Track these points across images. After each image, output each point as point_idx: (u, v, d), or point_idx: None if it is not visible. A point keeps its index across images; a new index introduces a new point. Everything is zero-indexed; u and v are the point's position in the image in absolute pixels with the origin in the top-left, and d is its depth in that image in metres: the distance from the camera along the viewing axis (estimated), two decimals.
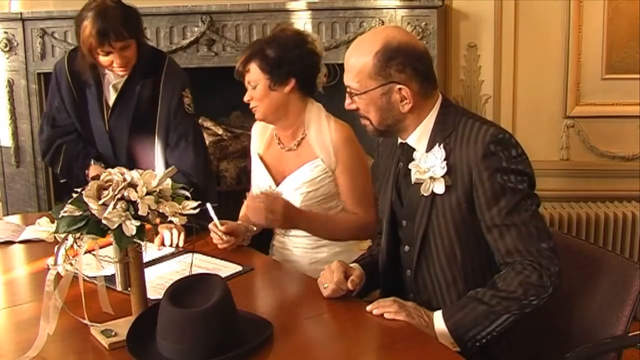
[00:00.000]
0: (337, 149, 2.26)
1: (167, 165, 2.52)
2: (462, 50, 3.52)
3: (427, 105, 1.80)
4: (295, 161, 2.31)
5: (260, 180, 2.39)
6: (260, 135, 2.45)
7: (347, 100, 1.81)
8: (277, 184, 2.33)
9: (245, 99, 2.29)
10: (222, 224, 2.22)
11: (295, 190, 2.27)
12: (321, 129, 2.28)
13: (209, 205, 2.14)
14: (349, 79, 1.78)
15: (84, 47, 2.42)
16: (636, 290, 1.77)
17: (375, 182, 2.19)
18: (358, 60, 1.76)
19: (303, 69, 2.26)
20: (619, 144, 3.56)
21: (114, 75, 2.54)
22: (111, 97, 2.58)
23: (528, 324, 1.82)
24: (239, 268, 2.08)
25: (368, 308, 1.76)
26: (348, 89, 1.80)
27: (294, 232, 2.34)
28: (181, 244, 2.27)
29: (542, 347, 1.87)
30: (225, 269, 2.07)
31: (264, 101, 2.26)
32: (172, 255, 2.21)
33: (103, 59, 2.44)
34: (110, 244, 1.62)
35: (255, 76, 2.24)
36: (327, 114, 2.32)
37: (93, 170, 2.50)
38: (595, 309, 1.85)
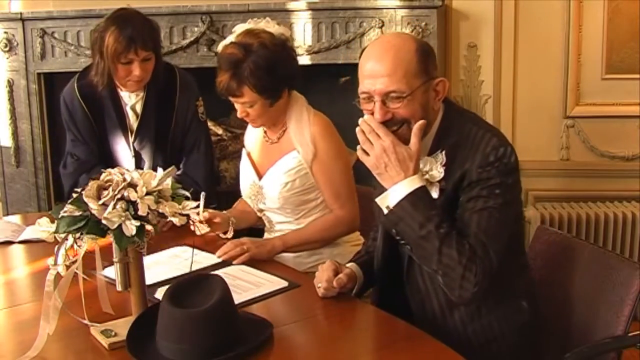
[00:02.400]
0: (314, 140, 2.26)
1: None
2: (462, 50, 3.52)
3: (438, 108, 1.79)
4: (276, 154, 2.32)
5: (245, 176, 2.42)
6: (251, 133, 2.47)
7: (380, 111, 1.69)
8: (260, 178, 2.35)
9: (240, 115, 2.26)
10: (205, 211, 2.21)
11: (275, 182, 2.30)
12: (301, 121, 2.28)
13: (202, 195, 2.12)
14: (393, 83, 1.67)
15: (107, 53, 2.39)
16: (636, 290, 1.77)
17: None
18: (399, 60, 1.68)
19: (294, 76, 2.26)
20: (619, 144, 3.56)
21: (129, 95, 2.55)
22: (132, 120, 2.60)
23: (528, 324, 1.82)
24: (284, 283, 1.95)
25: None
26: (391, 95, 1.68)
27: (278, 227, 2.37)
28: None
29: (542, 347, 1.87)
30: (270, 283, 1.96)
31: (263, 116, 2.25)
32: (222, 265, 2.10)
33: (122, 68, 2.43)
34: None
35: (250, 98, 2.19)
36: (308, 106, 2.33)
37: None
38: (595, 309, 1.85)
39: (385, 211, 1.70)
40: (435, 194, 1.73)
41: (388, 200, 1.68)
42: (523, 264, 1.88)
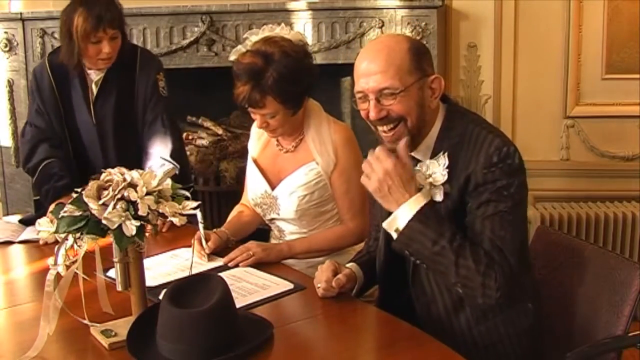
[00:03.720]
0: (336, 150, 2.22)
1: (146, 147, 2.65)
2: (462, 50, 3.53)
3: (437, 108, 1.78)
4: (291, 163, 2.27)
5: (255, 185, 2.35)
6: (257, 138, 2.40)
7: (374, 109, 1.70)
8: (273, 188, 2.29)
9: (260, 126, 2.20)
10: (207, 237, 2.16)
11: (291, 194, 2.25)
12: (321, 130, 2.24)
13: (198, 214, 2.09)
14: (386, 80, 1.68)
15: (77, 33, 2.46)
16: (636, 290, 1.77)
17: None
18: (392, 59, 1.69)
19: (314, 84, 2.20)
20: (619, 144, 3.57)
21: (95, 72, 2.62)
22: (94, 91, 2.66)
23: (533, 326, 1.82)
24: (290, 286, 1.94)
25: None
26: (385, 92, 1.69)
27: (290, 236, 2.33)
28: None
29: (542, 347, 1.87)
30: (276, 285, 1.95)
31: (285, 125, 2.19)
32: (228, 267, 2.10)
33: (92, 47, 2.49)
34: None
35: (273, 109, 2.11)
36: (327, 115, 2.29)
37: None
38: (596, 309, 1.85)
39: (395, 235, 1.69)
40: (439, 197, 1.72)
41: (397, 222, 1.68)
42: (529, 263, 1.88)
